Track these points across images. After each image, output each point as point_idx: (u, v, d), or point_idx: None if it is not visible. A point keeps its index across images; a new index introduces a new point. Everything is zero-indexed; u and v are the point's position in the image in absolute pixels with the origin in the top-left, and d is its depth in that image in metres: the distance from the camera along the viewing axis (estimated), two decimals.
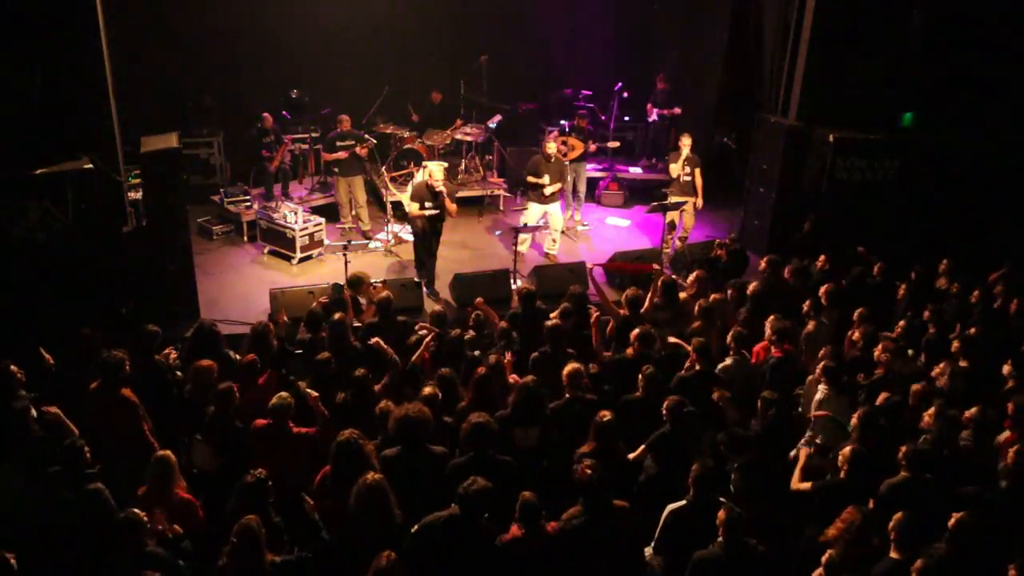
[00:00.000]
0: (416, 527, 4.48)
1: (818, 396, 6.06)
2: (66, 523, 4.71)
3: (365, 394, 5.84)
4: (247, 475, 4.59)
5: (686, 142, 10.54)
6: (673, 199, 10.53)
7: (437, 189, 9.09)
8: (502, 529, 4.59)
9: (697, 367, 6.26)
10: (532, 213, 10.41)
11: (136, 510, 4.34)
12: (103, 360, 5.64)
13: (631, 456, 5.54)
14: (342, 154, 10.73)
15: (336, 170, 10.91)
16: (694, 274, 8.06)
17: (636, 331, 6.55)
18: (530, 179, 10.31)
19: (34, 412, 5.43)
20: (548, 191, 10.11)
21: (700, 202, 10.66)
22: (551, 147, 10.22)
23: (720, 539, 4.44)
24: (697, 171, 10.57)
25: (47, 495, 4.79)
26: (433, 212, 9.15)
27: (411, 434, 4.99)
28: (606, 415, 5.25)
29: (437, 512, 4.48)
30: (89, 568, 4.48)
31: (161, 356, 6.41)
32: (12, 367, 5.64)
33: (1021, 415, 5.69)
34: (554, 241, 10.57)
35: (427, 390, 5.55)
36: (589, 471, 4.64)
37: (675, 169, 10.57)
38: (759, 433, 5.73)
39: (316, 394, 5.61)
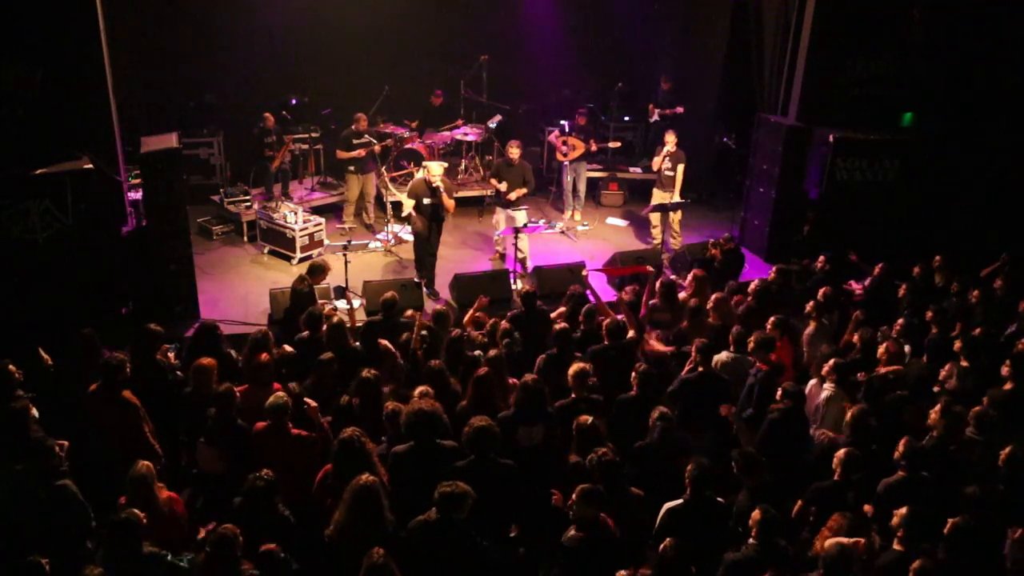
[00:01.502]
0: (404, 532, 4.50)
1: (825, 394, 6.07)
2: (35, 520, 4.71)
3: (373, 395, 5.83)
4: (254, 478, 4.56)
5: (670, 139, 10.62)
6: (655, 192, 10.64)
7: (434, 184, 9.09)
8: (497, 530, 4.60)
9: (700, 368, 6.23)
10: (497, 218, 10.41)
11: (135, 510, 4.33)
12: (104, 362, 5.63)
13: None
14: (359, 152, 10.79)
15: (352, 168, 10.97)
16: (692, 273, 8.06)
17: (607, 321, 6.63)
18: (492, 182, 10.33)
19: (35, 412, 5.42)
20: (514, 196, 10.02)
21: (676, 197, 10.66)
22: (514, 152, 10.15)
23: (752, 540, 4.43)
24: (680, 167, 10.59)
25: (15, 492, 4.78)
26: (430, 201, 9.12)
27: (423, 429, 4.99)
28: (587, 419, 5.29)
29: (419, 517, 4.51)
30: (63, 563, 4.47)
31: (160, 356, 6.40)
32: (11, 367, 5.64)
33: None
34: (520, 250, 9.92)
35: (419, 390, 5.56)
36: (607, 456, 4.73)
37: (656, 162, 10.69)
38: (764, 430, 5.71)
39: (315, 404, 5.60)
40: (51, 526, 4.73)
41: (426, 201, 9.14)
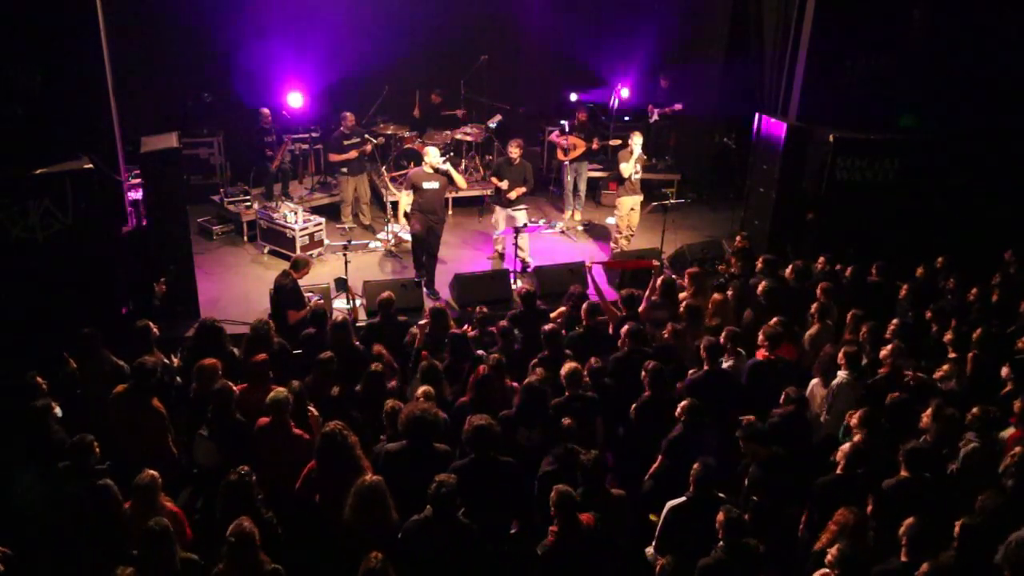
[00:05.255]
0: (400, 533, 4.50)
1: (837, 381, 6.12)
2: (75, 518, 4.70)
3: (377, 391, 5.83)
4: (230, 473, 4.58)
5: (637, 141, 10.33)
6: (624, 199, 10.48)
7: (437, 166, 9.07)
8: (498, 527, 4.60)
9: (705, 367, 6.25)
10: (496, 217, 10.41)
11: (163, 519, 4.33)
12: (135, 367, 5.64)
13: (649, 475, 5.53)
14: (352, 154, 10.78)
15: (344, 170, 10.95)
16: (688, 271, 8.08)
17: (626, 327, 6.60)
18: (493, 180, 10.32)
19: (57, 411, 5.43)
20: (513, 195, 10.01)
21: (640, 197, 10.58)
22: (514, 151, 10.11)
23: (720, 543, 4.43)
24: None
25: (56, 490, 4.79)
26: (432, 186, 9.11)
27: (419, 431, 5.00)
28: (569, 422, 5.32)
29: (415, 516, 4.52)
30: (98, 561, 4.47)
31: (157, 357, 6.39)
32: (38, 378, 5.65)
33: None
34: (520, 248, 10.02)
35: (421, 390, 5.58)
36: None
37: (627, 169, 10.26)
38: (774, 427, 5.71)
39: (316, 413, 5.61)
40: (89, 525, 4.71)
41: (426, 186, 9.12)
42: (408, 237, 10.23)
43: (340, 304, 8.57)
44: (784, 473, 5.20)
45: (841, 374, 6.15)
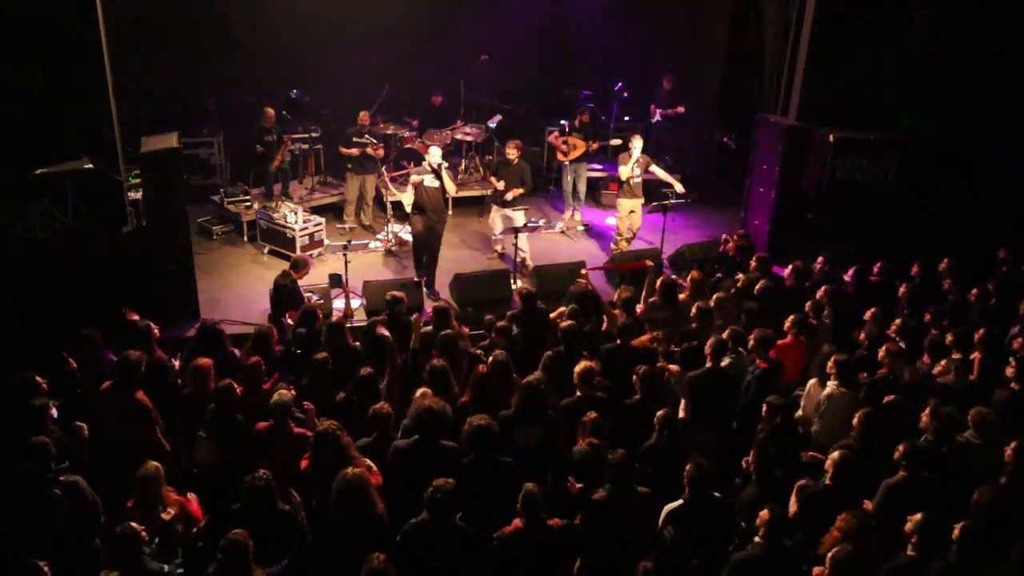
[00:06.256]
0: (399, 536, 4.50)
1: (827, 391, 6.07)
2: (42, 517, 4.71)
3: (369, 393, 5.83)
4: (253, 478, 4.51)
5: (637, 144, 10.30)
6: (623, 201, 10.45)
7: (434, 165, 9.13)
8: (497, 528, 4.61)
9: (708, 364, 6.25)
10: (493, 216, 10.43)
11: (132, 523, 4.32)
12: (121, 360, 5.65)
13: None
14: (355, 151, 10.79)
15: (350, 166, 10.99)
16: (690, 275, 8.09)
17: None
18: (491, 180, 10.35)
19: (54, 412, 5.43)
20: (510, 196, 10.04)
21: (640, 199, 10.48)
22: (512, 152, 10.14)
23: (759, 539, 4.43)
24: (653, 166, 10.49)
25: (18, 495, 4.79)
26: (433, 184, 9.15)
27: (430, 428, 4.99)
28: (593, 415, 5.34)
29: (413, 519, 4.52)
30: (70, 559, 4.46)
31: (159, 356, 6.39)
32: (37, 378, 5.65)
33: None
34: (520, 249, 9.96)
35: (420, 391, 5.56)
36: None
37: (625, 172, 10.22)
38: (764, 437, 5.71)
39: (311, 406, 5.61)
40: (58, 523, 4.70)
41: (427, 182, 9.14)
42: (408, 237, 10.24)
43: (340, 304, 8.56)
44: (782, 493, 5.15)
45: (831, 384, 6.07)
